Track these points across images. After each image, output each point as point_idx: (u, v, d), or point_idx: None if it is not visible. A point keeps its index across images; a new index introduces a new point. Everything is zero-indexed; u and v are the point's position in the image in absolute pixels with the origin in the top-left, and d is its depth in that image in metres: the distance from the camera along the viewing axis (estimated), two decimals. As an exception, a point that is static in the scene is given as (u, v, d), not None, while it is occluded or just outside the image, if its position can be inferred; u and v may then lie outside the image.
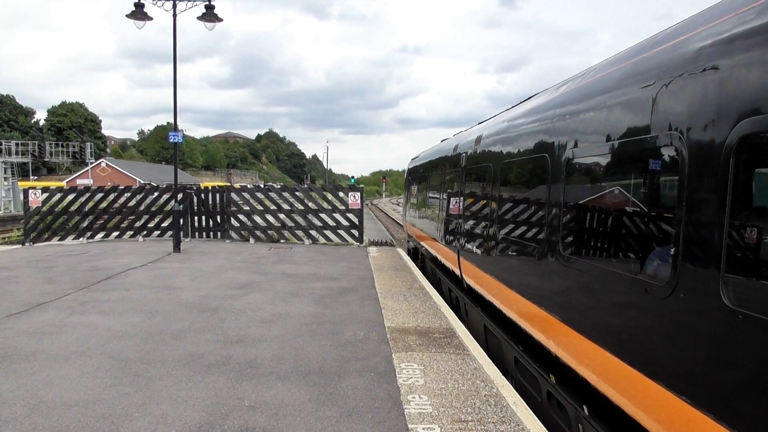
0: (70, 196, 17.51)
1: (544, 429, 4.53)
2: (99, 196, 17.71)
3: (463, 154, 9.46)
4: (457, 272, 9.50)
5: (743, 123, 2.68)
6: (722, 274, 2.74)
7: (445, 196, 11.07)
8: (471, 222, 8.60)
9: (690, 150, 3.09)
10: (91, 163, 58.16)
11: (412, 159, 18.68)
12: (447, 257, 10.52)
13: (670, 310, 3.18)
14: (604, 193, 4.43)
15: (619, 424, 3.88)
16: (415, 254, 17.15)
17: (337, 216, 17.64)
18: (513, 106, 7.83)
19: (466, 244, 8.70)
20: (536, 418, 4.72)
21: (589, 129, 4.62)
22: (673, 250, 3.19)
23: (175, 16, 14.87)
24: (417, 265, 14.10)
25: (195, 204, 17.99)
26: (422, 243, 14.49)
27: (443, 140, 13.85)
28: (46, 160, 59.89)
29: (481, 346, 6.93)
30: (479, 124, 9.82)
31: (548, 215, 5.23)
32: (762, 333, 2.47)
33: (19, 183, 40.18)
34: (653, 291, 3.37)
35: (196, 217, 18.08)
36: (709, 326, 2.85)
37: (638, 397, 3.55)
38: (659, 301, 3.29)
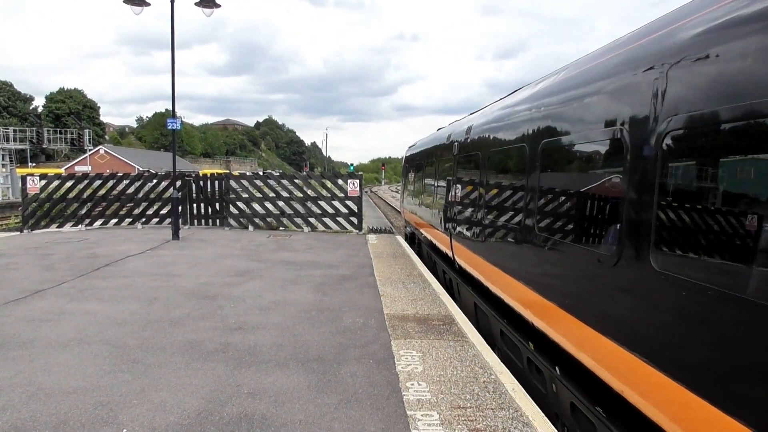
0: (69, 183, 17.46)
1: (542, 415, 4.54)
2: (97, 183, 17.65)
3: (456, 143, 9.95)
4: (450, 254, 9.95)
5: (668, 121, 3.30)
6: (651, 245, 3.41)
7: (439, 183, 11.55)
8: (462, 207, 9.09)
9: (631, 144, 3.71)
10: (90, 150, 57.94)
11: (409, 147, 18.98)
12: (441, 241, 10.96)
13: (616, 275, 3.84)
14: (569, 179, 5.02)
15: (582, 378, 4.39)
16: (412, 239, 17.53)
17: (336, 203, 17.60)
18: (500, 99, 8.31)
19: (458, 228, 9.21)
20: (534, 404, 4.73)
21: (556, 122, 5.20)
22: (618, 226, 3.83)
23: (172, 1, 14.70)
24: (414, 250, 14.39)
25: (194, 191, 17.94)
26: (418, 228, 14.93)
27: (439, 129, 14.17)
28: (44, 146, 59.70)
29: (471, 321, 7.43)
30: (471, 114, 10.22)
31: (525, 200, 5.82)
32: (677, 287, 3.16)
33: (18, 170, 39.99)
34: (605, 260, 4.02)
35: (194, 205, 18.04)
36: (643, 285, 3.52)
37: (594, 351, 4.12)
38: (608, 269, 3.93)
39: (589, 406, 4.37)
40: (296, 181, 18.14)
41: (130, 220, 17.99)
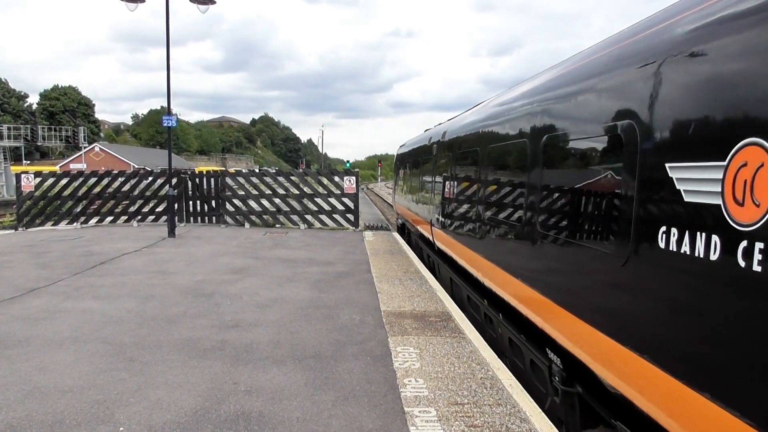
0: (63, 181, 17.35)
1: (540, 410, 4.55)
2: (92, 180, 17.54)
3: (435, 145, 11.53)
4: (431, 239, 11.48)
5: (545, 137, 5.04)
6: (537, 217, 5.11)
7: (423, 179, 13.14)
8: (439, 198, 10.61)
9: (531, 150, 5.40)
10: (85, 148, 57.64)
11: (400, 146, 19.95)
12: (424, 228, 12.51)
13: (522, 237, 5.55)
14: (502, 176, 6.60)
15: (511, 315, 6.06)
16: (402, 230, 18.48)
17: (333, 200, 17.59)
18: (466, 110, 10.11)
19: (436, 216, 10.75)
20: (531, 400, 4.74)
21: (496, 132, 6.94)
22: (523, 204, 5.52)
23: (166, -3, 14.60)
24: (404, 239, 15.51)
25: (190, 189, 17.88)
26: (407, 219, 16.19)
27: (426, 130, 15.24)
28: (38, 144, 59.30)
29: (447, 292, 8.96)
30: (449, 120, 11.77)
31: (477, 191, 7.45)
32: (546, 238, 4.92)
33: (12, 167, 39.79)
34: (517, 229, 5.73)
35: (190, 202, 17.99)
36: (534, 241, 5.19)
37: (514, 295, 5.73)
38: (518, 233, 5.69)
39: (517, 335, 6.02)
40: (292, 178, 18.10)
41: (126, 217, 17.89)
